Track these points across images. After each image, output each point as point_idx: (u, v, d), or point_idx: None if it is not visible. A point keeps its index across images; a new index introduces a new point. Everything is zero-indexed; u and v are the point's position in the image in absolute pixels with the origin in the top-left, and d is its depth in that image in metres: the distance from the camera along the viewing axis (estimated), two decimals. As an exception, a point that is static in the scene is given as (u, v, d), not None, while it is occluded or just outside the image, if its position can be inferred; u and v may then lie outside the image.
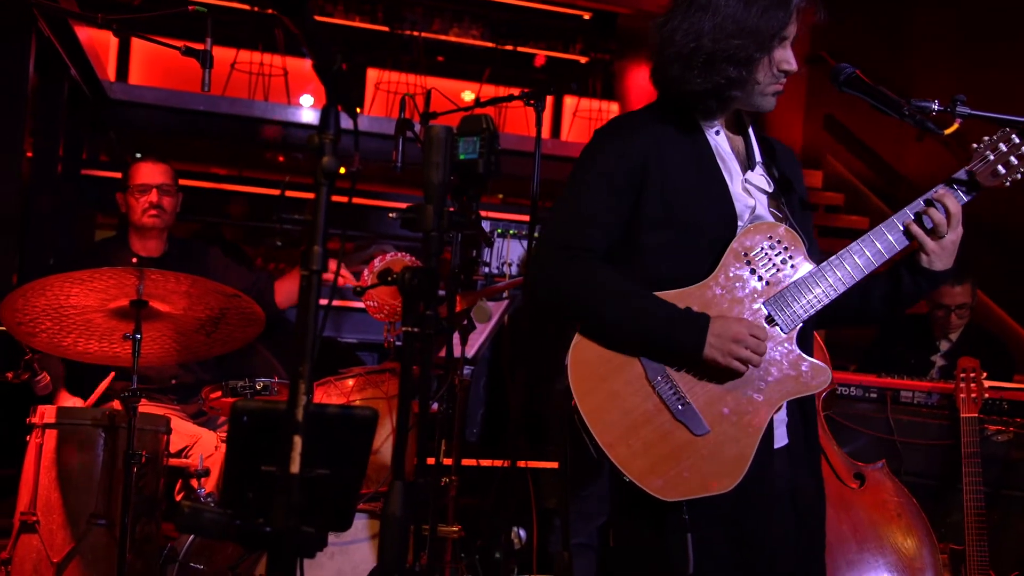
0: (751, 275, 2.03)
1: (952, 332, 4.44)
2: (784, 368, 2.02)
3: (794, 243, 2.06)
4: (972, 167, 2.09)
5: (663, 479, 1.96)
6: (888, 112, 2.04)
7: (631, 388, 1.99)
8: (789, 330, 2.03)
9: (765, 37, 2.00)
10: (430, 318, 1.57)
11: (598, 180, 2.07)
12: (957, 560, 3.44)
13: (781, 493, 2.09)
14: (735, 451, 1.98)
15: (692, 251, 2.05)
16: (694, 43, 2.00)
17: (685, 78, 2.03)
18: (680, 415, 1.98)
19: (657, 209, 2.04)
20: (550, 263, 2.04)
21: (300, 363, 1.43)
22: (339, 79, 1.44)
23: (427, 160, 1.58)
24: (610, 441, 1.97)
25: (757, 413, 2.00)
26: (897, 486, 3.43)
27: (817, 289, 2.04)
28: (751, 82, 2.04)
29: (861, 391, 3.87)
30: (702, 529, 1.98)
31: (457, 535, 3.53)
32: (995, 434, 3.66)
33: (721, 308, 2.01)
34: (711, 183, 2.08)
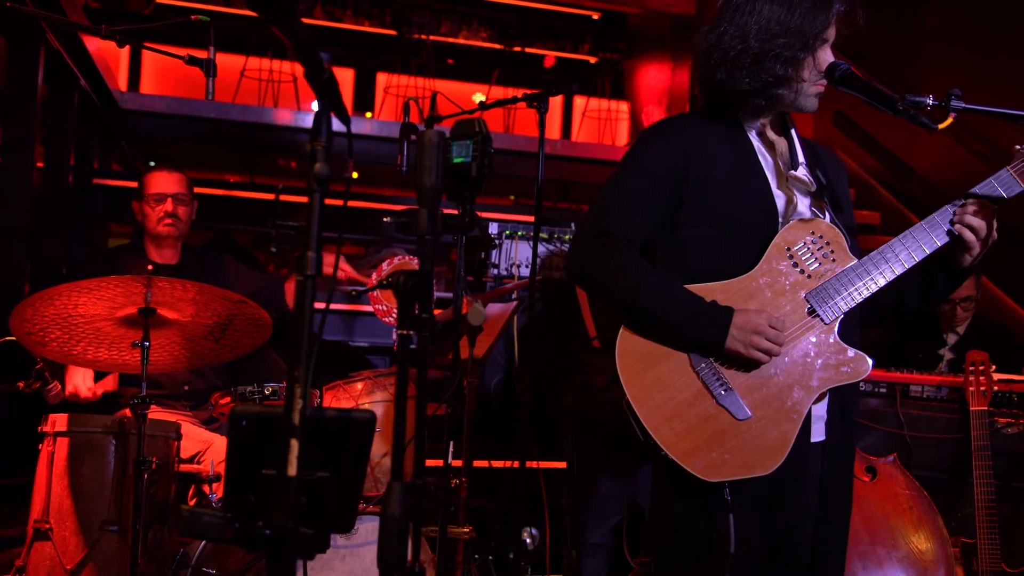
0: (794, 268, 2.12)
1: (959, 325, 4.43)
2: (825, 357, 2.10)
3: (835, 239, 2.15)
4: (1015, 166, 2.15)
5: (705, 460, 2.05)
6: (883, 108, 2.06)
7: (676, 374, 2.09)
8: (831, 321, 2.10)
9: (809, 37, 2.11)
10: (425, 320, 1.59)
11: (640, 173, 2.18)
12: (969, 553, 3.43)
13: (812, 487, 2.18)
14: (776, 435, 2.06)
15: (733, 246, 2.14)
16: (741, 44, 2.11)
17: (733, 78, 2.13)
18: (722, 400, 2.07)
19: (699, 205, 2.15)
20: (588, 246, 2.16)
21: (296, 367, 1.45)
22: (329, 86, 1.46)
23: (420, 164, 1.60)
24: (655, 424, 2.06)
25: (799, 400, 2.08)
26: (908, 479, 3.43)
27: (858, 282, 2.11)
28: (796, 81, 2.15)
29: (871, 386, 3.87)
30: (742, 511, 2.06)
31: (468, 536, 3.55)
32: (1005, 427, 3.65)
33: (764, 299, 2.10)
34: (753, 181, 2.18)
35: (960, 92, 2.00)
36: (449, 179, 1.69)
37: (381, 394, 3.39)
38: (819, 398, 2.13)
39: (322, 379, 3.54)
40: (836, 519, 2.23)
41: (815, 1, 2.12)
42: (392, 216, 1.54)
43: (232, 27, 8.09)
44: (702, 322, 2.05)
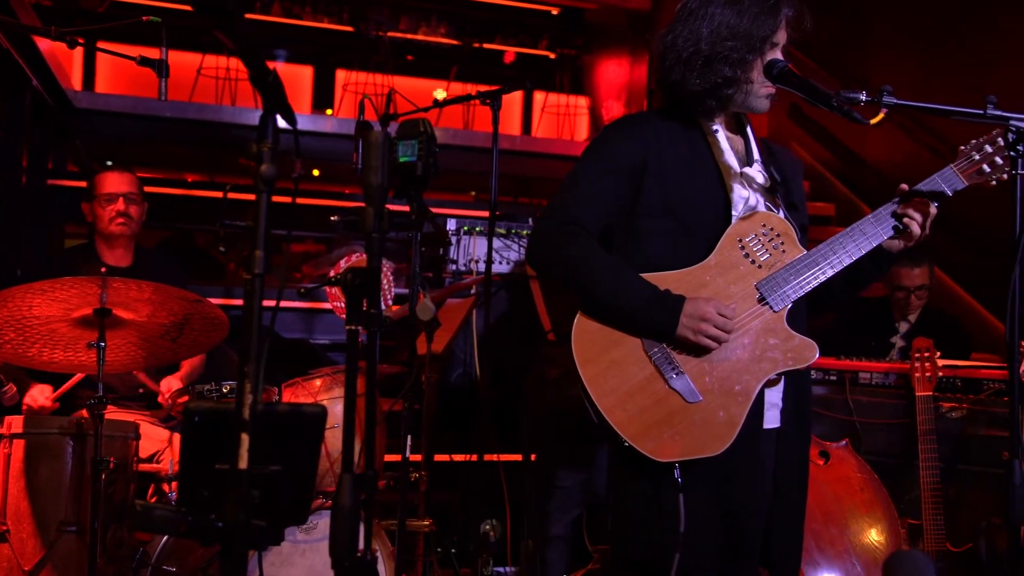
0: (745, 259, 2.21)
1: (911, 313, 4.53)
2: (774, 343, 2.18)
3: (786, 231, 2.24)
4: (958, 164, 2.25)
5: (655, 442, 2.12)
6: (818, 104, 2.12)
7: (629, 358, 2.16)
8: (780, 309, 2.19)
9: (756, 40, 2.22)
10: (374, 316, 1.63)
11: (600, 167, 2.27)
12: (916, 534, 3.53)
13: (766, 472, 2.26)
14: (725, 418, 2.14)
15: (687, 237, 2.22)
16: (693, 47, 2.22)
17: (686, 79, 2.24)
18: (674, 383, 2.14)
19: (655, 198, 2.23)
20: (548, 235, 2.24)
21: (246, 363, 1.48)
22: (274, 88, 1.49)
23: (366, 164, 1.64)
24: (609, 406, 2.13)
25: (747, 384, 2.16)
26: (860, 463, 3.53)
27: (807, 273, 2.20)
28: (745, 82, 2.25)
29: (821, 374, 3.96)
30: (692, 491, 2.13)
31: (428, 529, 3.59)
32: (949, 411, 3.75)
33: (716, 288, 2.19)
34: (707, 176, 2.27)
35: (891, 88, 2.07)
36: (395, 177, 1.72)
37: (340, 390, 3.41)
38: (771, 384, 2.20)
39: (282, 376, 3.56)
40: (791, 506, 2.31)
41: (764, 6, 2.22)
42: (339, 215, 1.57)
43: (188, 25, 8.04)
44: (654, 309, 2.12)
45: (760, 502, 2.24)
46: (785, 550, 2.28)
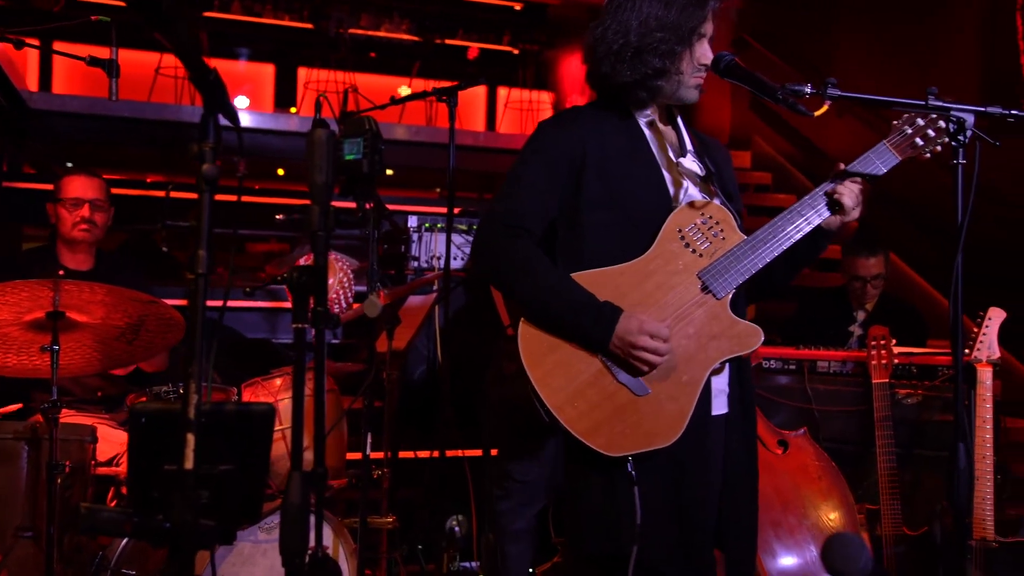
0: (686, 248, 2.21)
1: (868, 302, 4.58)
2: (719, 331, 2.19)
3: (725, 219, 2.25)
4: (891, 140, 2.27)
5: (607, 436, 2.12)
6: (765, 96, 2.15)
7: (576, 356, 2.16)
8: (723, 296, 2.21)
9: (685, 32, 2.23)
10: (320, 314, 1.63)
11: (539, 165, 2.26)
12: (873, 519, 3.59)
13: (716, 458, 2.28)
14: (674, 409, 2.15)
15: (629, 230, 2.23)
16: (623, 39, 2.23)
17: (616, 71, 2.25)
18: (621, 378, 2.15)
19: (596, 192, 2.23)
20: (490, 239, 2.23)
21: (191, 363, 1.48)
22: (215, 87, 1.49)
23: (311, 162, 1.64)
24: (558, 404, 2.13)
25: (695, 373, 2.17)
26: (818, 451, 3.57)
27: (748, 258, 2.22)
28: (675, 73, 2.25)
29: (780, 363, 4.01)
30: (646, 483, 2.14)
31: (392, 526, 3.59)
32: (905, 397, 3.81)
33: (659, 279, 2.19)
34: (646, 167, 2.27)
35: (836, 80, 2.10)
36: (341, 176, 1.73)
37: (300, 389, 3.40)
38: (717, 371, 2.22)
39: (243, 376, 3.55)
40: (742, 490, 2.33)
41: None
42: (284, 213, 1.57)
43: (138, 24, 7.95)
44: (588, 324, 2.12)
45: (712, 489, 2.26)
46: (739, 533, 2.31)
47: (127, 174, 7.97)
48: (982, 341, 3.51)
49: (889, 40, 6.77)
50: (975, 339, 3.52)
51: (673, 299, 2.18)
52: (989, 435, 3.39)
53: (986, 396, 3.44)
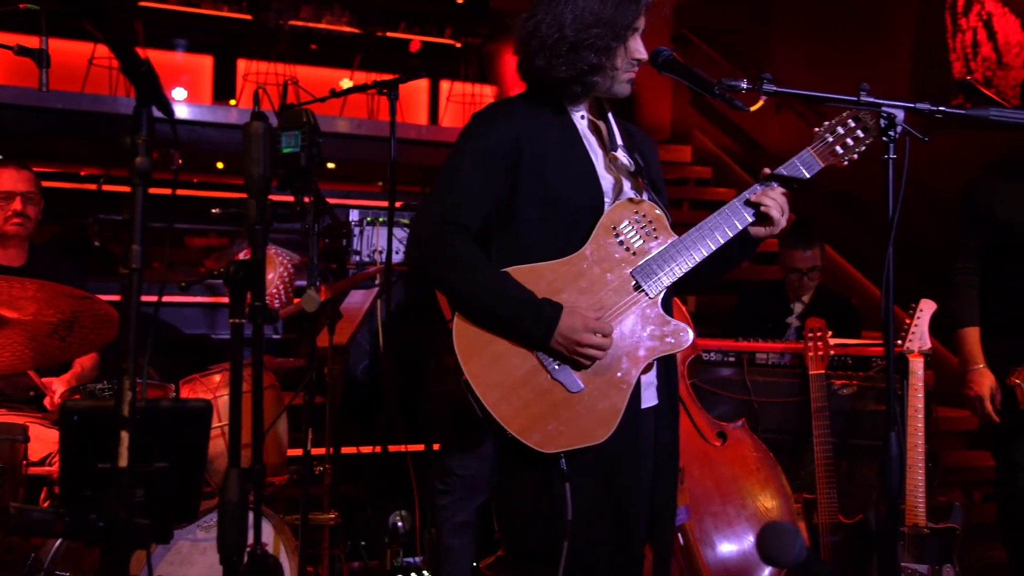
0: (620, 246, 2.22)
1: (805, 294, 4.66)
2: (651, 329, 2.21)
3: (657, 217, 2.26)
4: (815, 147, 2.31)
5: (541, 433, 2.12)
6: (701, 91, 2.17)
7: (511, 352, 2.15)
8: (655, 295, 2.22)
9: (620, 27, 2.22)
10: (258, 309, 1.61)
11: (473, 159, 2.23)
12: (810, 508, 3.66)
13: (647, 449, 2.30)
14: (607, 405, 2.16)
15: (564, 226, 2.22)
16: (558, 34, 2.21)
17: (552, 66, 2.23)
18: (556, 374, 2.15)
19: (531, 187, 2.22)
20: (426, 237, 2.20)
21: (124, 360, 1.46)
22: (148, 79, 1.46)
23: (247, 155, 1.62)
24: (493, 401, 2.12)
25: (627, 370, 2.18)
26: (756, 442, 3.63)
27: (679, 258, 2.23)
28: (610, 69, 2.24)
29: (720, 356, 4.06)
30: (578, 479, 2.14)
31: (334, 522, 3.57)
32: (841, 388, 3.89)
33: (593, 276, 2.19)
34: (579, 163, 2.27)
35: (771, 76, 2.13)
36: (279, 169, 1.71)
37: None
38: (647, 368, 2.24)
39: (181, 373, 3.50)
40: (669, 481, 2.36)
41: None
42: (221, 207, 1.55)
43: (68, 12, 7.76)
44: (528, 321, 2.11)
45: (644, 483, 2.28)
46: (665, 525, 2.34)
47: (60, 167, 7.80)
48: (914, 332, 3.60)
49: (825, 37, 6.90)
50: (907, 330, 3.61)
51: (606, 296, 2.19)
52: (921, 424, 3.48)
53: (918, 386, 3.53)
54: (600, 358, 2.14)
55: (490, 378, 2.13)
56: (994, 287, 3.55)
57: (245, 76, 9.04)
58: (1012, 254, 3.48)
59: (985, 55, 5.41)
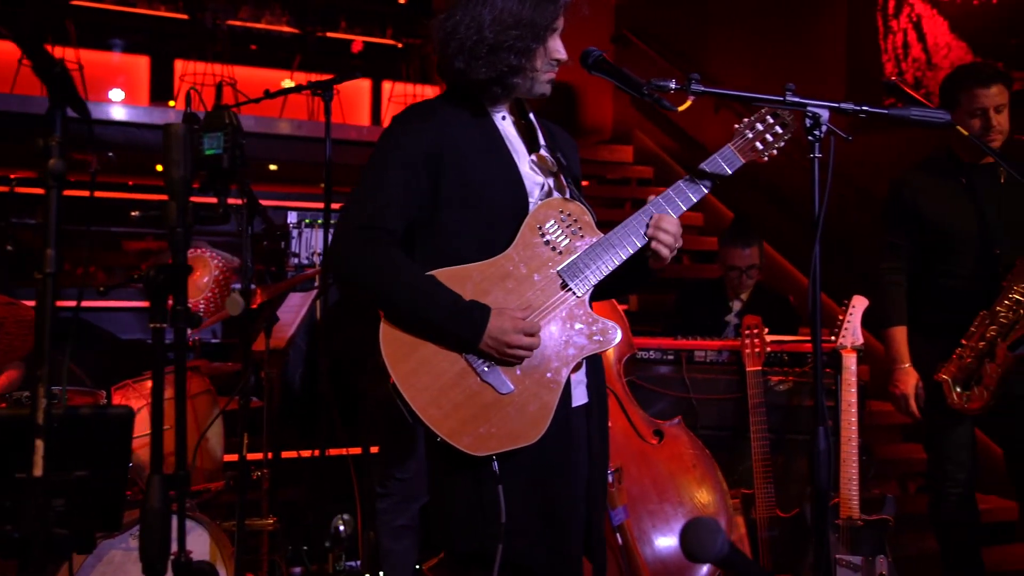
0: (546, 246, 2.21)
1: (743, 292, 4.72)
2: (579, 328, 2.21)
3: (582, 216, 2.26)
4: (735, 143, 2.33)
5: (472, 436, 2.11)
6: (631, 91, 2.18)
7: (439, 355, 2.13)
8: (582, 294, 2.21)
9: (539, 28, 2.20)
10: (180, 313, 1.58)
11: (395, 162, 2.19)
12: (748, 503, 3.70)
13: (579, 446, 2.29)
14: (538, 406, 2.15)
15: (488, 227, 2.20)
16: (476, 35, 2.18)
17: (471, 68, 2.20)
18: (486, 376, 2.13)
19: (454, 189, 2.19)
20: (349, 243, 2.16)
21: (39, 366, 1.42)
22: (62, 80, 1.43)
23: (167, 157, 1.59)
24: (423, 405, 2.10)
25: (557, 370, 2.18)
26: (692, 439, 3.66)
27: (605, 256, 2.23)
28: (530, 70, 2.23)
29: (659, 354, 4.10)
30: (511, 481, 2.13)
31: (272, 527, 3.53)
32: (777, 384, 3.94)
33: (520, 276, 2.18)
34: (502, 164, 2.25)
35: (699, 76, 2.15)
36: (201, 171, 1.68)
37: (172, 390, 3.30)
38: (576, 367, 2.24)
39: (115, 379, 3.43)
40: (601, 478, 2.37)
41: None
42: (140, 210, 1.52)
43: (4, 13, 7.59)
44: (456, 324, 2.10)
45: (579, 482, 2.28)
46: (599, 521, 2.34)
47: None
48: (847, 328, 3.66)
49: (762, 38, 6.99)
50: (840, 327, 3.67)
51: (534, 296, 2.19)
52: (854, 418, 3.54)
53: (851, 381, 3.59)
54: (529, 357, 2.14)
55: (419, 382, 2.11)
56: (925, 286, 3.62)
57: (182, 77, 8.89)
58: (941, 252, 3.56)
59: (915, 56, 5.53)
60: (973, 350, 3.42)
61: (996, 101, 3.40)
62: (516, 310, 2.15)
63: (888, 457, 5.21)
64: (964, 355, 3.44)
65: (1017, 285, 3.34)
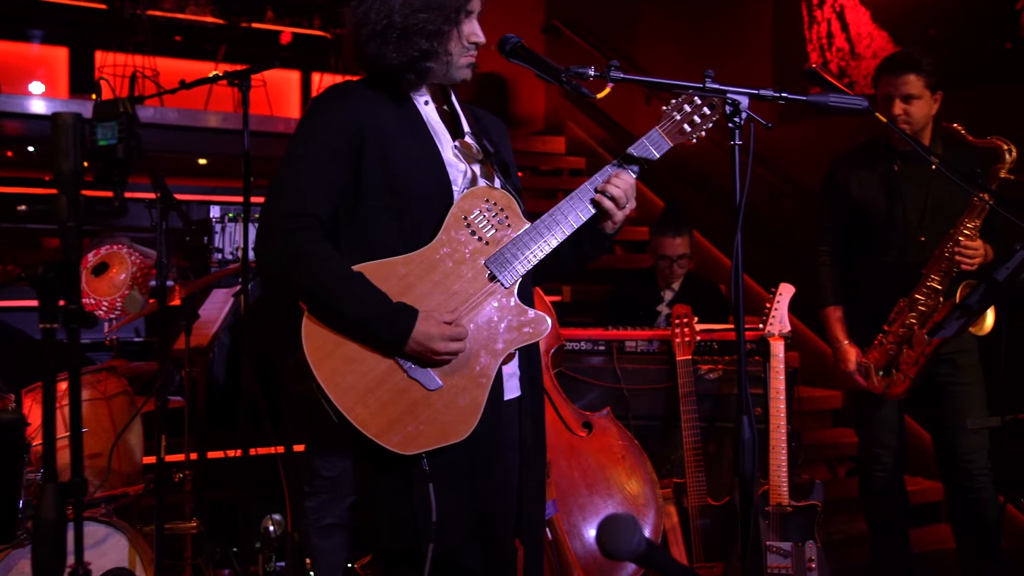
0: (472, 236, 2.16)
1: (675, 281, 4.73)
2: (508, 320, 2.16)
3: (509, 205, 2.21)
4: (662, 126, 2.31)
5: (401, 435, 2.06)
6: (549, 79, 2.14)
7: (364, 352, 2.08)
8: (510, 285, 2.17)
9: (450, 10, 2.15)
10: (72, 313, 1.50)
11: (317, 145, 2.13)
12: (680, 492, 3.71)
13: (511, 441, 2.26)
14: (467, 402, 2.11)
15: (413, 217, 2.15)
16: (386, 20, 2.13)
17: (383, 53, 2.15)
18: (413, 373, 2.09)
19: (376, 175, 2.14)
20: (273, 234, 2.09)
21: (-85, 373, 1.33)
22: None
23: (55, 148, 1.50)
24: (349, 405, 2.05)
25: (486, 364, 2.14)
26: (621, 430, 3.65)
27: (533, 245, 2.19)
28: (443, 54, 2.18)
29: (591, 345, 4.08)
30: (442, 478, 2.09)
31: (196, 531, 3.44)
32: (707, 372, 3.95)
33: (446, 269, 2.13)
34: (425, 151, 2.19)
35: (618, 63, 2.12)
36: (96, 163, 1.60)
37: (88, 392, 3.19)
38: (508, 359, 2.21)
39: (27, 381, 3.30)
40: (536, 472, 2.33)
41: None
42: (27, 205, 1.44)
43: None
44: (382, 325, 2.05)
45: (510, 477, 2.25)
46: (534, 515, 2.31)
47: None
48: (774, 316, 3.68)
49: (692, 29, 7.02)
50: (767, 314, 3.69)
51: (461, 289, 2.14)
52: (783, 405, 3.56)
53: (779, 368, 3.61)
54: (455, 356, 2.10)
55: (344, 381, 2.06)
56: (854, 270, 3.66)
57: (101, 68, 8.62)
58: (868, 238, 3.60)
59: (839, 46, 5.59)
60: (894, 336, 3.46)
61: (903, 91, 3.44)
62: (444, 312, 2.10)
63: (818, 442, 5.27)
64: (885, 341, 3.49)
65: (935, 273, 3.39)
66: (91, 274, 3.56)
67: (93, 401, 3.17)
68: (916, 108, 3.45)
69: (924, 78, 3.44)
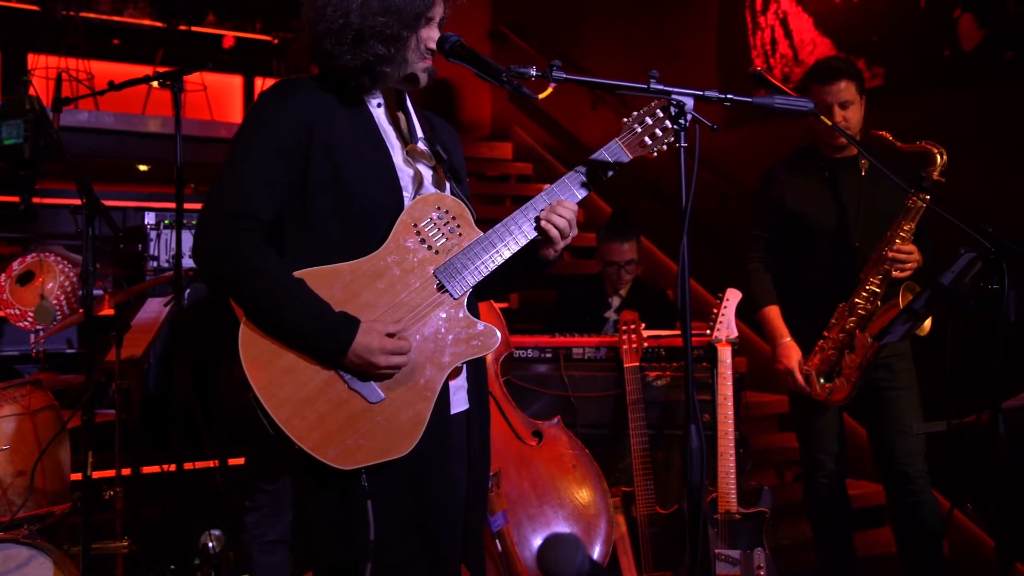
0: (421, 245, 2.08)
1: (622, 287, 4.69)
2: (456, 332, 2.08)
3: (461, 213, 2.13)
4: (622, 138, 2.24)
5: (339, 448, 1.97)
6: (490, 79, 2.07)
7: (303, 362, 1.99)
8: (459, 296, 2.09)
9: (410, 17, 2.08)
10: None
11: (262, 142, 2.03)
12: (628, 500, 3.66)
13: (459, 455, 2.17)
14: (410, 416, 2.02)
15: (361, 222, 2.06)
16: (343, 19, 2.05)
17: (337, 53, 2.07)
18: (354, 384, 2.00)
19: (324, 178, 2.04)
20: (214, 234, 1.99)
21: None
22: None
23: (-44, 147, 1.39)
24: (286, 416, 1.95)
25: (431, 377, 2.05)
26: (571, 439, 3.59)
27: (484, 256, 2.11)
28: (399, 60, 2.10)
29: (537, 353, 4.02)
30: (382, 495, 2.00)
31: (127, 550, 3.30)
32: (655, 379, 3.91)
33: (393, 277, 2.05)
34: (376, 155, 2.11)
35: (560, 63, 2.06)
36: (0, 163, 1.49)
37: (11, 407, 3.05)
38: (455, 373, 2.12)
39: None
40: (481, 486, 2.27)
41: None
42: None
43: None
44: (321, 337, 1.96)
45: (457, 491, 2.17)
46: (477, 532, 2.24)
47: None
48: (721, 321, 3.65)
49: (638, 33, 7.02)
50: (715, 320, 3.66)
51: (408, 298, 2.05)
52: (731, 412, 3.53)
53: (726, 375, 3.59)
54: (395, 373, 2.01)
55: (281, 391, 1.96)
56: (790, 278, 3.65)
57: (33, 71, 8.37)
58: (804, 245, 3.59)
59: (783, 52, 5.61)
60: (834, 342, 3.46)
61: (840, 97, 3.45)
62: (388, 322, 2.01)
63: (765, 447, 5.27)
64: (826, 347, 3.48)
65: (873, 277, 3.39)
66: (16, 283, 3.41)
67: (16, 416, 3.02)
68: (852, 113, 3.47)
69: (855, 83, 3.46)
